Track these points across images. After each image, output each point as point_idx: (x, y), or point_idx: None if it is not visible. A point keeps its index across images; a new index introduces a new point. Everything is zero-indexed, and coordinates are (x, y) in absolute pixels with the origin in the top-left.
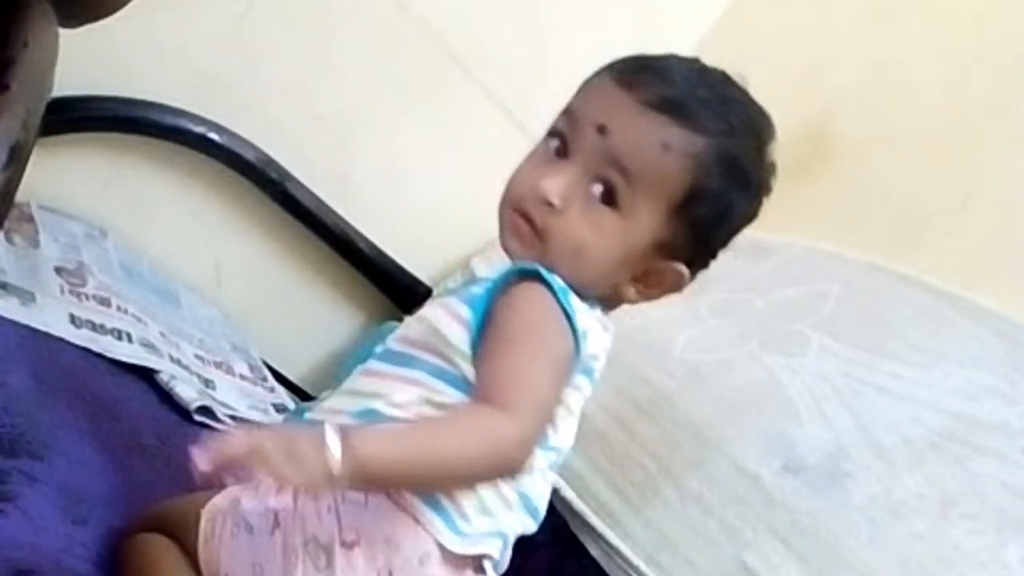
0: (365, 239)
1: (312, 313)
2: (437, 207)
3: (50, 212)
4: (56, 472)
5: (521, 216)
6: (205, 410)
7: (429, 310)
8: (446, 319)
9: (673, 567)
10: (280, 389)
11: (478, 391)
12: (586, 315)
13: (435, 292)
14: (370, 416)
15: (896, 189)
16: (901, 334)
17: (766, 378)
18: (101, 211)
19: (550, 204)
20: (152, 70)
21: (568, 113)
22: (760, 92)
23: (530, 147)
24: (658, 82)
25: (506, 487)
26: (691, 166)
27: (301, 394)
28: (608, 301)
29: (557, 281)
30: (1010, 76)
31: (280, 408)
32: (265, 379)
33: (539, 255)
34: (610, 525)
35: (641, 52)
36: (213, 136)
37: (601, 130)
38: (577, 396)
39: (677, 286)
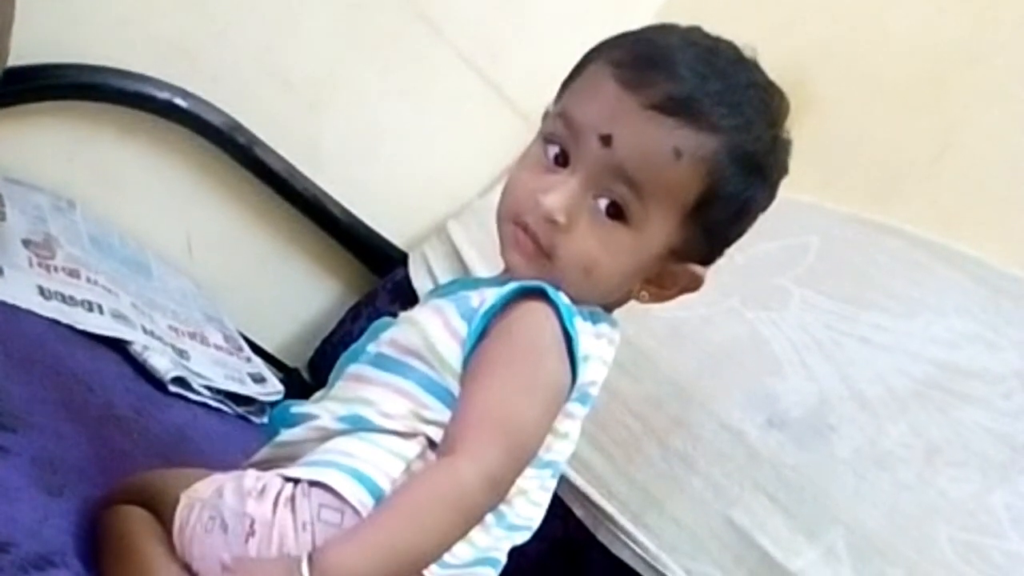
0: (337, 204)
1: (285, 280)
2: (410, 170)
3: (16, 184)
4: (30, 444)
5: (523, 231)
6: (180, 381)
7: (424, 316)
8: (442, 333)
9: (660, 526)
10: (256, 359)
11: (449, 423)
12: (590, 337)
13: (412, 257)
14: (356, 422)
15: (872, 139)
16: (882, 284)
17: (748, 333)
18: (68, 182)
19: (554, 222)
20: (115, 36)
21: (566, 118)
22: None
23: (502, 108)
24: (664, 79)
25: None
26: (705, 170)
27: (277, 364)
28: (617, 304)
29: (563, 301)
30: (984, 24)
31: (257, 378)
32: (241, 349)
33: (544, 271)
34: (595, 485)
35: (637, 28)
36: (179, 102)
37: (605, 140)
38: (571, 423)
39: (693, 286)
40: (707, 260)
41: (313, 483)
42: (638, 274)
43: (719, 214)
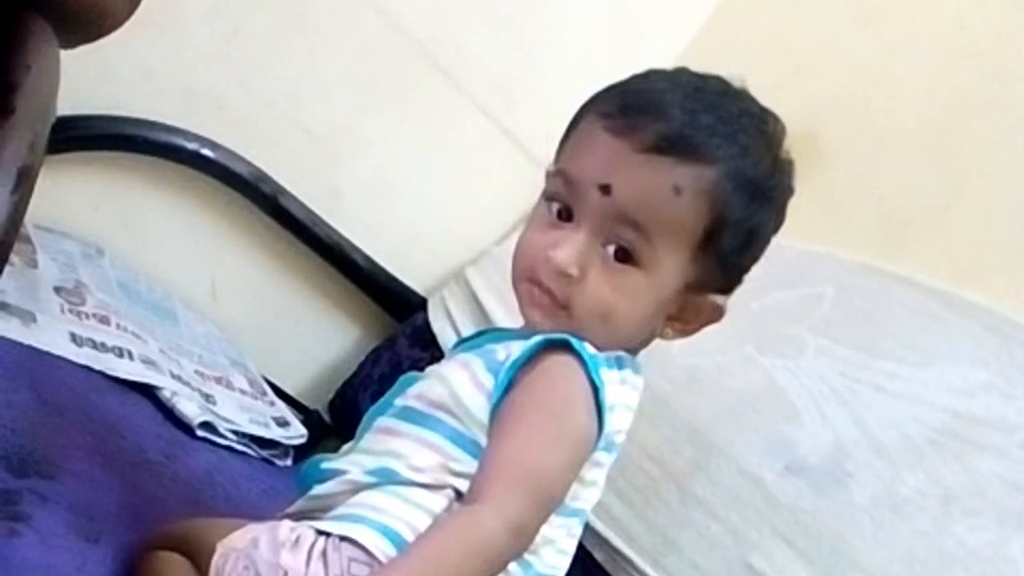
0: (359, 251)
1: (308, 326)
2: (429, 217)
3: (46, 232)
4: (66, 491)
5: (538, 287)
6: (207, 426)
7: (451, 370)
8: (468, 387)
9: (679, 570)
10: (280, 403)
11: (475, 473)
12: (615, 385)
13: (431, 302)
14: (385, 475)
15: (884, 189)
16: (896, 333)
17: (764, 380)
18: (96, 230)
19: (567, 275)
20: (143, 88)
21: (565, 176)
22: None
23: (518, 156)
24: (654, 121)
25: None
26: (707, 203)
27: (300, 408)
28: (642, 344)
29: (588, 351)
30: (993, 73)
31: (280, 422)
32: (265, 393)
33: (564, 325)
34: (614, 529)
35: (622, 79)
36: (206, 152)
37: (604, 190)
38: (598, 471)
39: (715, 317)
40: (726, 289)
41: (343, 538)
42: (658, 313)
43: (730, 243)
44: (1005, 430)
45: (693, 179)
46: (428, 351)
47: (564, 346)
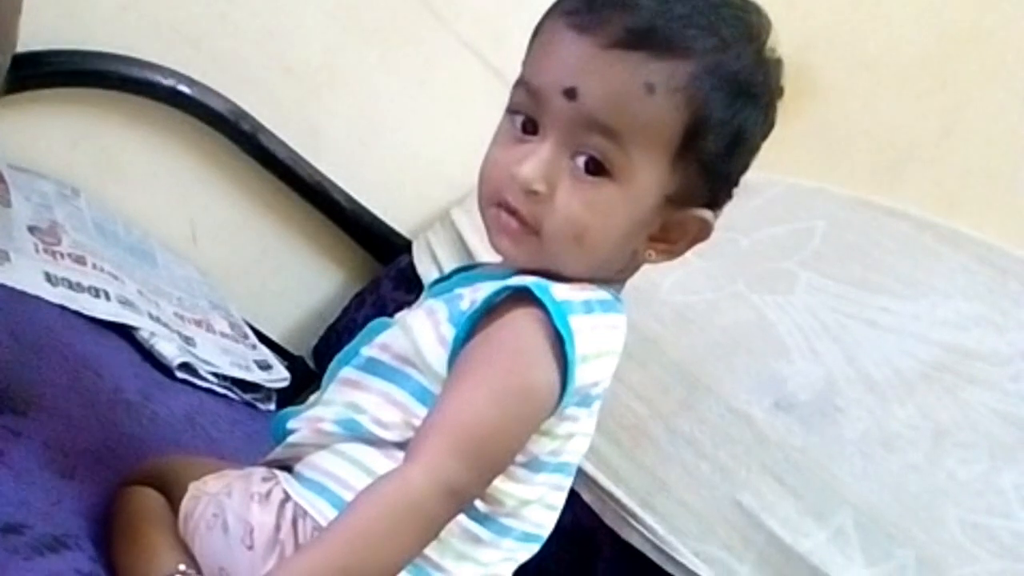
0: (341, 191)
1: (289, 268)
2: (413, 157)
3: (20, 171)
4: (41, 427)
5: (505, 210)
6: (186, 367)
7: (417, 321)
8: (430, 341)
9: (667, 509)
10: (262, 347)
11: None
12: (598, 333)
13: (416, 244)
14: (350, 427)
15: (876, 123)
16: (888, 267)
17: (754, 317)
18: (72, 169)
19: (534, 192)
20: (118, 22)
21: (526, 84)
22: None
23: (504, 94)
24: (621, 13)
25: (478, 527)
26: (684, 100)
27: (281, 352)
28: (624, 272)
29: (554, 298)
30: (986, 6)
31: (263, 365)
32: (246, 336)
33: (534, 251)
34: (602, 470)
35: None
36: (183, 89)
37: (570, 94)
38: (572, 425)
39: (703, 234)
40: (712, 203)
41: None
42: (638, 231)
43: (712, 146)
44: (997, 363)
45: (667, 75)
46: (413, 294)
47: (526, 295)
